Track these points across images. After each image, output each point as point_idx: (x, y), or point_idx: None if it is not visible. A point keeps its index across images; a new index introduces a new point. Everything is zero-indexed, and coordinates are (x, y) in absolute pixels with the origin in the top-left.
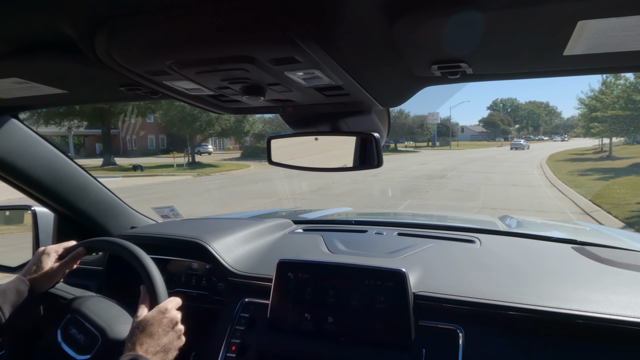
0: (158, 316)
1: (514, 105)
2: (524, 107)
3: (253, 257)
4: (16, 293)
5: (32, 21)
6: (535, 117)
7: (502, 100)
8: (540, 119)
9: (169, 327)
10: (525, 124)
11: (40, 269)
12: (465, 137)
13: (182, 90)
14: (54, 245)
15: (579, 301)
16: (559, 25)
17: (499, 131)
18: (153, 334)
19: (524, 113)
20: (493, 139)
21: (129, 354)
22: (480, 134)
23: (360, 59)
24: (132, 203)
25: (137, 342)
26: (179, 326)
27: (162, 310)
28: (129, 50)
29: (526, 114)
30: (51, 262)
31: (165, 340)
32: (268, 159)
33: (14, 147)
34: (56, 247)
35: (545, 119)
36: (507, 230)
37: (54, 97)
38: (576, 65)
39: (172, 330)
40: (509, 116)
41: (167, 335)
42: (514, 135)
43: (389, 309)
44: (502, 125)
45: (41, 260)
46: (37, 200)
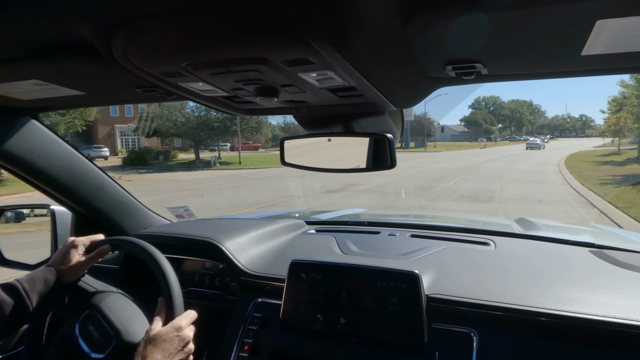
0: (171, 333)
1: (496, 104)
2: (508, 105)
3: (266, 257)
4: (44, 282)
5: (52, 24)
6: (519, 117)
7: (484, 99)
8: (524, 118)
9: (180, 345)
10: (508, 123)
11: (68, 261)
12: (445, 137)
13: (197, 91)
14: (82, 237)
15: (597, 306)
16: (577, 25)
17: (481, 131)
18: (164, 351)
19: (507, 112)
20: (475, 139)
21: None
22: (462, 134)
23: (373, 60)
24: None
25: (147, 356)
26: (190, 346)
27: (176, 328)
28: (145, 52)
29: (509, 113)
30: (79, 255)
31: (174, 357)
32: (281, 159)
33: (34, 147)
34: (84, 239)
35: (529, 118)
36: (523, 232)
37: (72, 99)
38: (594, 65)
39: (182, 350)
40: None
41: (177, 354)
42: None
43: (402, 311)
44: (485, 124)
45: (69, 252)
46: (55, 200)
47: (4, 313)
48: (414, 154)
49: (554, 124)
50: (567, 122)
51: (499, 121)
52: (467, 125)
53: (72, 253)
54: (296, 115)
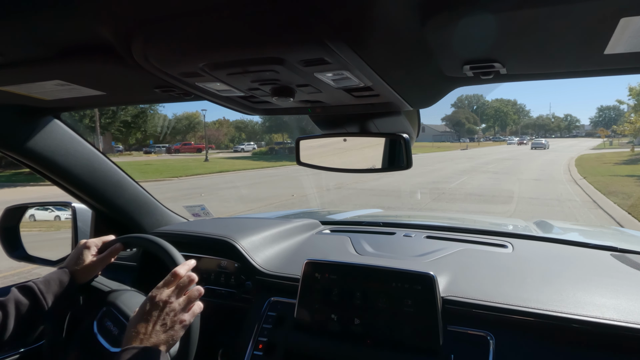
0: (168, 280)
1: (480, 103)
2: (491, 104)
3: (281, 256)
4: (59, 283)
5: (74, 26)
6: (503, 116)
7: (467, 97)
8: (509, 117)
9: (177, 290)
10: (492, 122)
11: (81, 262)
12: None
13: (214, 91)
14: (94, 239)
15: (619, 311)
16: (600, 23)
17: (463, 130)
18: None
19: (490, 111)
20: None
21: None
22: (444, 134)
23: (390, 59)
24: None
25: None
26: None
27: (172, 274)
28: (164, 53)
29: (493, 112)
30: (91, 256)
31: (161, 315)
32: (297, 159)
33: (56, 146)
34: (96, 240)
35: (513, 118)
36: (542, 235)
37: (93, 99)
38: (617, 65)
39: (181, 294)
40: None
41: (176, 300)
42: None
43: (417, 312)
44: (468, 124)
45: (82, 253)
46: (76, 197)
47: (21, 313)
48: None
49: (538, 124)
50: (551, 121)
51: (482, 120)
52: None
53: (84, 254)
54: (312, 115)
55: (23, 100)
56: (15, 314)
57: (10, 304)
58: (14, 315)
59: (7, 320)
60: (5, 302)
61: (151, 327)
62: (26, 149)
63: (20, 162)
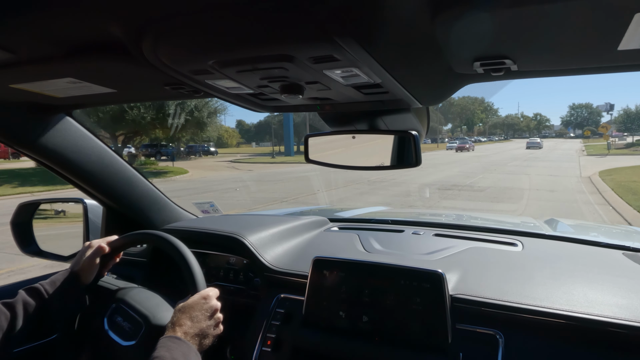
0: (200, 301)
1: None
2: (458, 102)
3: (289, 253)
4: (64, 284)
5: (85, 25)
6: (470, 115)
7: None
8: (475, 116)
9: (209, 312)
10: (459, 122)
11: (85, 262)
12: None
13: (223, 88)
14: (97, 240)
15: (631, 310)
16: (613, 18)
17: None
18: (193, 318)
19: (457, 109)
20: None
21: (168, 335)
22: None
23: (400, 56)
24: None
25: (177, 323)
26: (218, 314)
27: (204, 296)
28: (174, 50)
29: (460, 111)
30: (94, 255)
31: (203, 325)
32: (305, 156)
33: (68, 143)
34: (101, 241)
35: (481, 117)
36: (552, 233)
37: (104, 96)
38: (631, 61)
39: (211, 317)
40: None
41: (206, 320)
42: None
43: (425, 310)
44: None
45: (85, 253)
46: (87, 194)
47: (28, 314)
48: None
49: (507, 123)
50: (520, 121)
51: (448, 120)
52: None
53: (88, 254)
54: (321, 113)
55: (35, 97)
56: (24, 314)
57: (18, 305)
58: (22, 316)
59: (16, 321)
60: (13, 304)
61: (193, 327)
62: (38, 146)
63: (33, 158)
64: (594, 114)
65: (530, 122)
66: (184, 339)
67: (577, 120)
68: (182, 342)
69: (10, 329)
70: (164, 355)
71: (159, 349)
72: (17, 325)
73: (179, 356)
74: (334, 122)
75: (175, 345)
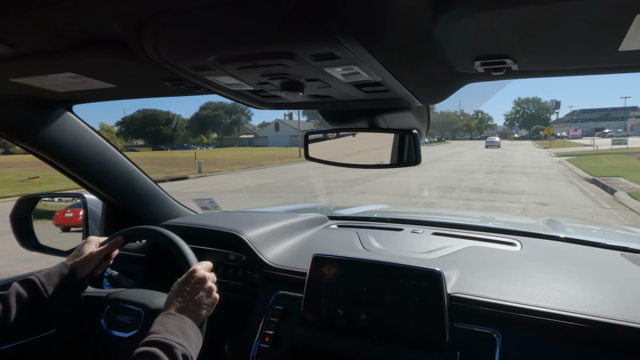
0: (187, 277)
1: None
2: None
3: (288, 250)
4: (60, 276)
5: (86, 19)
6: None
7: None
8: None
9: (198, 284)
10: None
11: (82, 255)
12: (281, 138)
13: (224, 85)
14: (97, 237)
15: (628, 311)
16: (614, 19)
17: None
18: (183, 292)
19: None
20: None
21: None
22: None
23: (401, 55)
24: None
25: (170, 302)
26: (208, 283)
27: (191, 271)
28: (175, 46)
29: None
30: (91, 249)
31: (195, 296)
32: (305, 154)
33: (67, 138)
34: (98, 237)
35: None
36: (551, 234)
37: (104, 91)
38: (632, 62)
39: (201, 288)
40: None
41: (197, 291)
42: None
43: (424, 309)
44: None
45: (83, 247)
46: (87, 189)
47: (22, 306)
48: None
49: (442, 121)
50: (460, 119)
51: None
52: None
53: (85, 247)
54: (321, 110)
55: (36, 92)
56: (17, 306)
57: (11, 297)
58: (16, 308)
59: (9, 313)
60: (7, 295)
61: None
62: (38, 140)
63: (33, 153)
64: (542, 110)
65: (471, 121)
66: (178, 314)
67: (523, 118)
68: (176, 316)
69: (3, 321)
70: (158, 330)
71: (154, 325)
72: (10, 318)
73: (173, 329)
74: (334, 119)
75: (169, 320)
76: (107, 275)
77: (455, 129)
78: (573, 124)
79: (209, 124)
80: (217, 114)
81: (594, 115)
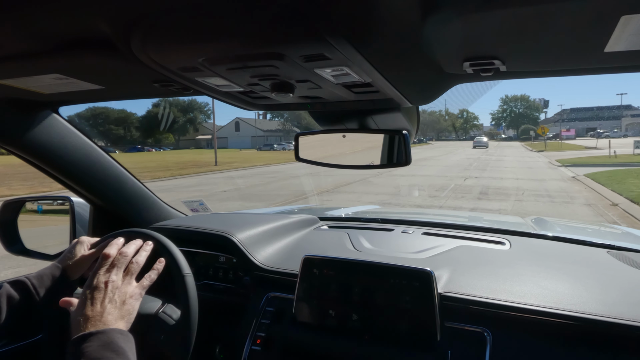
0: (91, 275)
1: None
2: None
3: (279, 252)
4: (51, 278)
5: (72, 20)
6: None
7: None
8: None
9: (104, 273)
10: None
11: (74, 256)
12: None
13: (213, 86)
14: (88, 237)
15: (615, 307)
16: (600, 21)
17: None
18: (88, 298)
19: None
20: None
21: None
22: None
23: (390, 56)
24: None
25: (78, 323)
26: (120, 262)
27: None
28: (163, 47)
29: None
30: (83, 250)
31: (106, 294)
32: (295, 155)
33: (54, 140)
34: (90, 238)
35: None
36: (539, 232)
37: (92, 93)
38: (618, 63)
39: (110, 274)
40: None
41: (106, 286)
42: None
43: (415, 308)
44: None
45: (75, 248)
46: (74, 192)
47: (13, 308)
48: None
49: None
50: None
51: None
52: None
53: (77, 249)
54: (311, 111)
55: (21, 93)
56: (8, 308)
57: (2, 298)
58: (6, 310)
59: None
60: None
61: (99, 307)
62: (24, 142)
63: (18, 156)
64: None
65: (456, 121)
66: (93, 330)
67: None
68: (92, 336)
69: None
70: None
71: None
72: (0, 320)
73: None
74: (325, 121)
75: (84, 348)
76: None
77: (440, 128)
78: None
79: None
80: (169, 112)
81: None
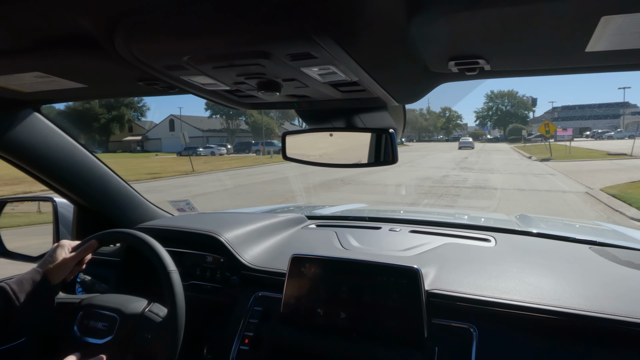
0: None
1: None
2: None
3: (267, 251)
4: (32, 283)
5: (53, 16)
6: None
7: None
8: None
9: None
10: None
11: (55, 260)
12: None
13: (199, 85)
14: (68, 240)
15: (597, 302)
16: (581, 21)
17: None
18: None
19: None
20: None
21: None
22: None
23: (376, 55)
24: None
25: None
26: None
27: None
28: (147, 45)
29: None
30: (64, 254)
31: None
32: (283, 154)
33: (36, 140)
34: (71, 241)
35: None
36: (524, 229)
37: (74, 91)
38: (598, 62)
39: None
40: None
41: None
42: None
43: (402, 306)
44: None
45: (56, 252)
46: (57, 192)
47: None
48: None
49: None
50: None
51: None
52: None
53: (58, 252)
54: (298, 110)
55: (0, 92)
56: None
57: None
58: None
59: None
60: None
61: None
62: (4, 142)
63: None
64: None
65: (438, 120)
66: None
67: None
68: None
69: None
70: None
71: None
72: None
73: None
74: (312, 119)
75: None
76: (80, 281)
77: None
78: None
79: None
80: (89, 107)
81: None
